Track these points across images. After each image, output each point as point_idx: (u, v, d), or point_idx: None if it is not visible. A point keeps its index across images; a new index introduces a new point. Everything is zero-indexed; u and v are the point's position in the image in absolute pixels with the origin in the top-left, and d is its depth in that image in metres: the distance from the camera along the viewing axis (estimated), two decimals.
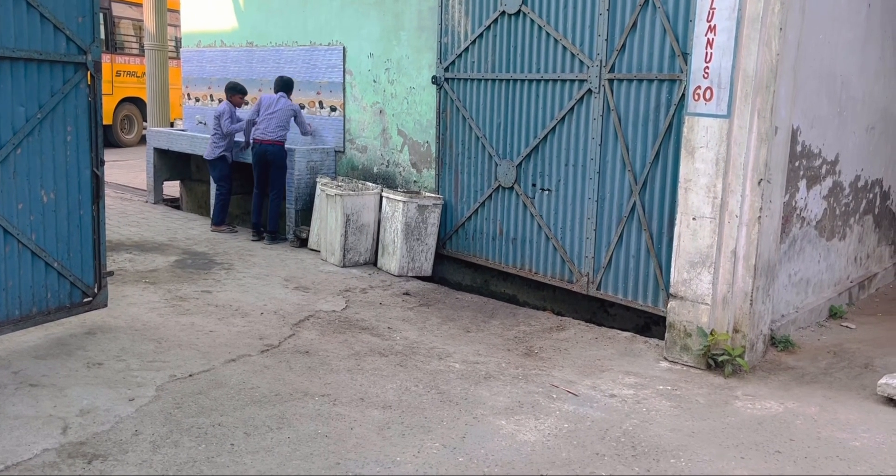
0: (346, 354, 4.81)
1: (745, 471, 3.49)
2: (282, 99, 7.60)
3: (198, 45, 9.48)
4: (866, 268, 6.61)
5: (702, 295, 4.74)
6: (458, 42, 6.50)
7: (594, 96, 5.52)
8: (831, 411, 4.17)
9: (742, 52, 4.40)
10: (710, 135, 4.56)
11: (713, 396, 4.35)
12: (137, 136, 16.47)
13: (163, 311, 5.44)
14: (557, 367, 4.75)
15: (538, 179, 6.01)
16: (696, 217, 4.71)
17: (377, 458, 3.48)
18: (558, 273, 5.97)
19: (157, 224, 8.42)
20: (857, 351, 5.12)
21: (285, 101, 7.61)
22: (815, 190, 5.43)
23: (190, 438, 3.60)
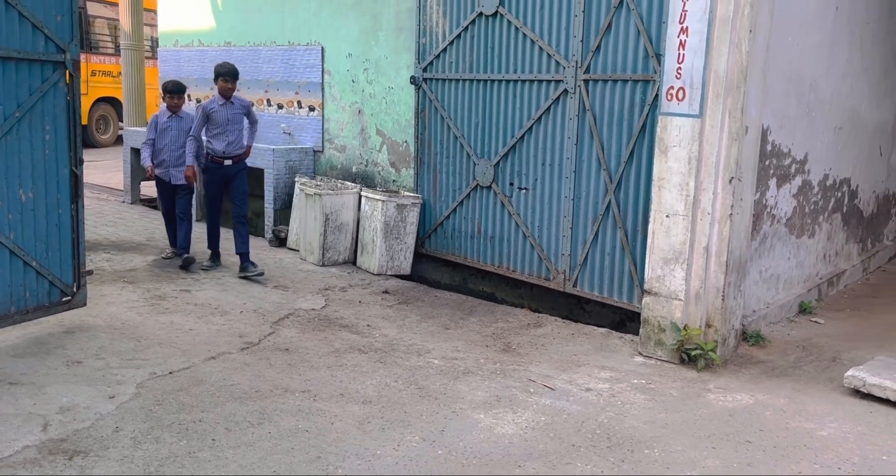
0: (326, 351, 4.85)
1: (717, 460, 3.59)
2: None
3: (175, 44, 9.46)
4: (835, 265, 6.77)
5: (675, 291, 4.84)
6: (436, 43, 6.57)
7: (570, 96, 5.61)
8: (800, 403, 4.29)
9: (713, 54, 4.51)
10: (683, 134, 4.67)
11: (686, 390, 4.45)
12: (113, 137, 16.34)
13: (142, 309, 5.44)
14: (535, 362, 4.83)
15: (516, 178, 6.10)
16: (670, 214, 4.81)
17: (358, 452, 3.54)
18: (535, 271, 6.06)
19: (134, 224, 8.39)
20: (825, 345, 5.26)
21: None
22: (785, 188, 5.57)
23: (171, 434, 3.62)
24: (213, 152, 6.43)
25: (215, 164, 6.43)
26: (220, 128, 6.36)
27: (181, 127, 6.66)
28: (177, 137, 6.64)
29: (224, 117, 6.34)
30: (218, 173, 6.45)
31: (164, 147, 6.63)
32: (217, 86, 6.42)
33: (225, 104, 6.37)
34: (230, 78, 6.35)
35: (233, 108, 6.40)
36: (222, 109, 6.35)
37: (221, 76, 6.34)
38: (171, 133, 6.65)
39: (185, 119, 6.68)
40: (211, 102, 6.39)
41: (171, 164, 6.67)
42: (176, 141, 6.63)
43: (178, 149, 6.63)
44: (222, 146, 6.37)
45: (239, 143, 6.48)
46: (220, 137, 6.36)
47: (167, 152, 6.64)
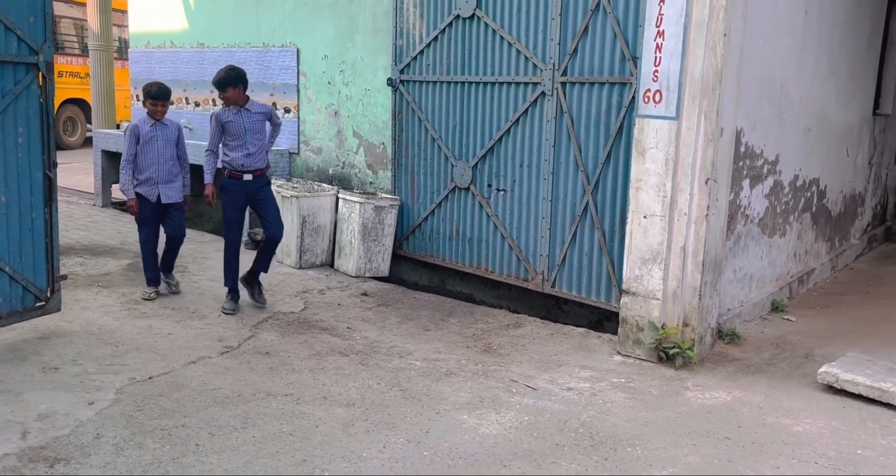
0: (307, 355, 4.83)
1: (698, 457, 3.66)
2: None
3: (147, 45, 9.35)
4: (805, 263, 6.91)
5: (653, 290, 4.91)
6: (414, 45, 6.58)
7: (548, 99, 5.66)
8: (775, 399, 4.38)
9: (689, 57, 4.59)
10: (660, 136, 4.74)
11: (665, 388, 4.52)
12: (81, 139, 16.08)
13: (118, 314, 5.38)
14: (516, 362, 4.87)
15: (494, 180, 6.13)
16: (647, 215, 4.88)
17: (343, 455, 3.54)
18: (514, 272, 6.10)
19: (106, 227, 8.28)
20: (797, 342, 5.37)
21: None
22: (758, 189, 5.67)
23: (153, 440, 3.59)
24: (230, 166, 5.52)
25: (234, 178, 5.53)
26: (238, 139, 5.50)
27: (167, 136, 5.72)
28: (164, 148, 5.70)
29: (241, 127, 5.49)
30: (237, 190, 5.53)
31: (150, 161, 5.65)
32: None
33: (239, 112, 5.50)
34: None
35: (250, 115, 5.53)
36: (237, 119, 5.50)
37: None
38: (157, 144, 5.69)
39: (170, 126, 5.75)
40: (224, 111, 5.54)
41: (159, 180, 5.68)
42: (163, 152, 5.69)
43: (167, 161, 5.70)
44: (242, 159, 5.50)
45: (261, 155, 5.62)
46: (238, 150, 5.51)
47: (154, 167, 5.66)
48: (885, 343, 5.33)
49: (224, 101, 5.52)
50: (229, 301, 5.64)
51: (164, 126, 5.72)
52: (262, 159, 5.63)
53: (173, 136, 5.77)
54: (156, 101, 5.66)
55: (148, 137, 5.65)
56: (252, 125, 5.55)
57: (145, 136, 5.65)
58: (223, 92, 5.44)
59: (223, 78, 5.43)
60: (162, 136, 5.70)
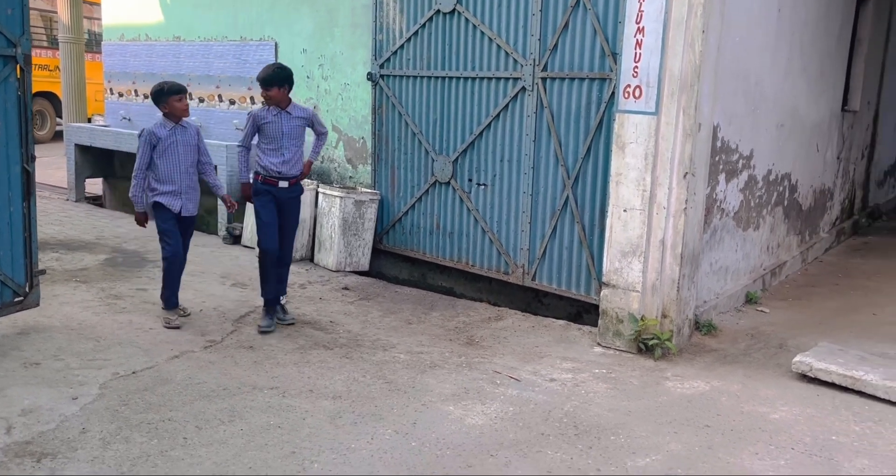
0: (291, 348, 4.84)
1: (679, 444, 3.75)
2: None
3: (121, 38, 9.23)
4: (777, 256, 7.06)
5: (632, 283, 5.00)
6: (394, 39, 6.60)
7: (528, 94, 5.72)
8: (752, 388, 4.49)
9: (668, 53, 4.67)
10: (640, 131, 4.82)
11: (645, 378, 4.61)
12: (51, 133, 15.82)
13: (98, 309, 5.33)
14: (498, 354, 4.93)
15: (474, 174, 6.18)
16: (627, 209, 4.96)
17: (332, 446, 3.56)
18: (495, 265, 6.15)
19: (81, 222, 8.18)
20: (771, 333, 5.50)
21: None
22: (733, 183, 5.79)
23: (140, 434, 3.58)
24: (265, 171, 5.14)
25: (268, 184, 5.15)
26: (275, 142, 5.11)
27: (187, 141, 5.07)
28: (185, 154, 5.05)
29: (278, 130, 5.09)
30: (270, 196, 5.16)
31: (172, 170, 5.00)
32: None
33: (280, 114, 5.09)
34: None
35: (290, 119, 5.12)
36: (276, 120, 5.09)
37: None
38: (178, 150, 5.01)
39: (189, 129, 5.10)
40: (262, 111, 5.13)
41: (182, 190, 5.05)
42: (185, 159, 5.04)
43: (189, 169, 5.09)
44: (277, 165, 5.11)
45: (297, 161, 5.20)
46: (274, 154, 5.11)
47: (177, 176, 5.01)
48: (855, 333, 5.48)
49: (265, 100, 5.10)
50: (265, 317, 5.17)
51: (184, 129, 5.08)
52: (298, 166, 5.24)
53: (193, 140, 5.12)
54: (180, 95, 5.02)
55: (167, 144, 4.98)
56: (290, 129, 5.14)
57: (164, 142, 4.97)
58: (267, 90, 5.03)
59: (270, 75, 5.01)
60: (182, 142, 5.05)
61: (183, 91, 5.05)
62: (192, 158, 5.12)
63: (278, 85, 5.03)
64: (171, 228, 5.05)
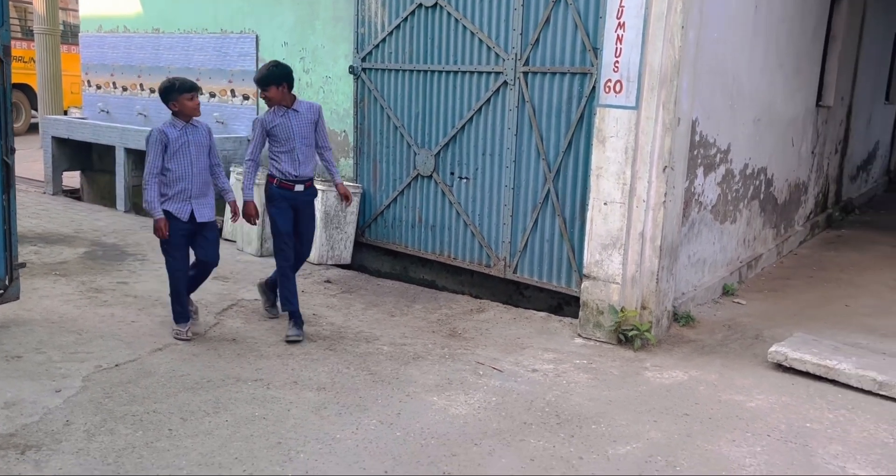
0: (274, 341, 4.86)
1: (659, 433, 3.82)
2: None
3: (98, 29, 9.14)
4: (753, 249, 7.19)
5: (613, 275, 5.07)
6: (376, 33, 6.61)
7: (510, 88, 5.76)
8: (729, 378, 4.58)
9: (649, 48, 4.73)
10: (620, 125, 4.89)
11: (625, 368, 4.69)
12: (26, 125, 15.60)
13: (79, 302, 5.31)
14: (481, 346, 4.98)
15: (456, 168, 6.22)
16: (608, 202, 5.03)
17: (317, 436, 3.60)
18: (477, 258, 6.20)
19: (59, 215, 8.10)
20: (748, 324, 5.61)
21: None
22: (711, 177, 5.88)
23: (125, 426, 3.59)
24: (279, 175, 4.88)
25: (284, 188, 4.89)
26: (287, 144, 4.85)
27: (199, 141, 4.74)
28: (197, 156, 4.72)
29: (288, 130, 4.84)
30: (286, 202, 4.91)
31: (183, 172, 4.67)
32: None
33: (286, 113, 4.86)
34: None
35: (298, 117, 4.88)
36: (285, 121, 4.84)
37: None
38: (189, 151, 4.69)
39: (200, 129, 4.77)
40: (268, 115, 4.87)
41: (193, 193, 4.72)
42: (196, 161, 4.72)
43: (201, 171, 4.75)
44: (291, 167, 4.86)
45: (311, 162, 4.99)
46: (286, 156, 4.86)
47: (188, 179, 4.68)
48: (829, 324, 5.61)
49: (266, 102, 4.87)
50: (292, 327, 4.92)
51: (195, 129, 4.73)
52: (312, 167, 5.00)
53: (205, 140, 4.79)
54: (192, 93, 4.65)
55: (178, 145, 4.65)
56: (301, 128, 4.89)
57: (175, 143, 4.64)
58: (265, 91, 4.79)
59: (265, 75, 4.78)
60: (194, 142, 4.71)
61: (195, 89, 4.70)
62: (205, 161, 4.78)
63: (276, 84, 4.78)
64: (177, 241, 4.73)
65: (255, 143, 4.92)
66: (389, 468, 3.34)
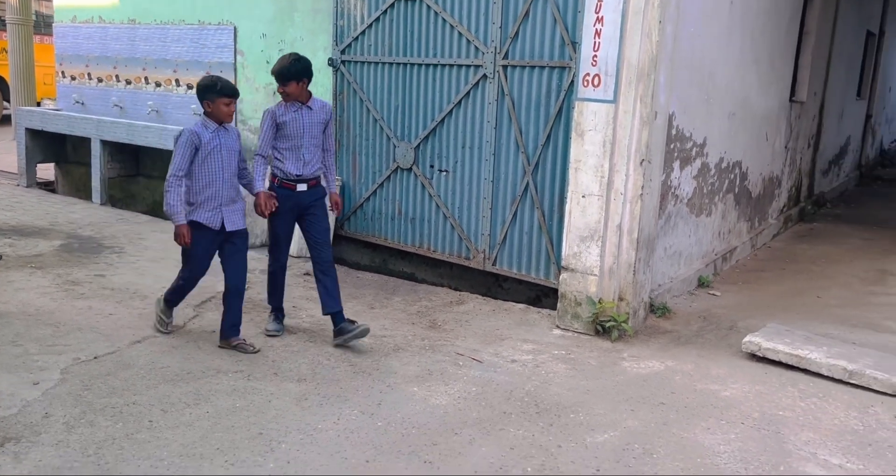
0: (255, 333, 4.86)
1: (636, 421, 3.89)
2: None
3: (73, 20, 9.01)
4: (728, 242, 7.30)
5: (591, 267, 5.13)
6: (355, 25, 6.60)
7: (489, 81, 5.79)
8: (704, 367, 4.67)
9: (627, 43, 4.79)
10: (599, 119, 4.94)
11: (603, 358, 4.75)
12: None
13: (55, 295, 5.26)
14: (460, 337, 5.02)
15: (436, 161, 6.24)
16: (586, 195, 5.09)
17: (299, 427, 3.61)
18: (456, 250, 6.24)
19: (33, 208, 8.00)
20: (723, 315, 5.71)
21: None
22: (687, 170, 5.97)
23: (105, 418, 3.58)
24: (282, 175, 4.69)
25: (286, 189, 4.69)
26: (294, 141, 4.64)
27: (230, 145, 4.49)
28: (228, 160, 4.47)
29: (299, 127, 4.64)
30: (289, 202, 4.70)
31: (212, 177, 4.41)
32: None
33: (300, 109, 4.64)
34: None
35: (311, 115, 4.67)
36: (297, 117, 4.63)
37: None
38: (221, 155, 4.43)
39: (231, 132, 4.52)
40: (280, 107, 4.64)
41: (223, 201, 4.47)
42: (227, 165, 4.46)
43: (232, 177, 4.51)
44: (296, 167, 4.67)
45: (316, 162, 4.78)
46: (292, 154, 4.66)
47: (217, 185, 4.42)
48: (801, 315, 5.73)
49: (283, 97, 4.62)
50: (273, 321, 4.93)
51: (226, 132, 4.48)
52: (317, 167, 4.80)
53: (236, 144, 4.54)
54: (231, 99, 4.41)
55: (210, 148, 4.39)
56: (312, 126, 4.68)
57: (207, 146, 4.38)
58: (284, 86, 4.56)
59: (288, 69, 4.53)
60: (225, 146, 4.45)
61: (235, 95, 4.45)
62: (235, 166, 4.54)
63: (296, 79, 4.55)
64: (202, 254, 4.52)
65: (264, 137, 4.65)
66: (371, 457, 3.38)
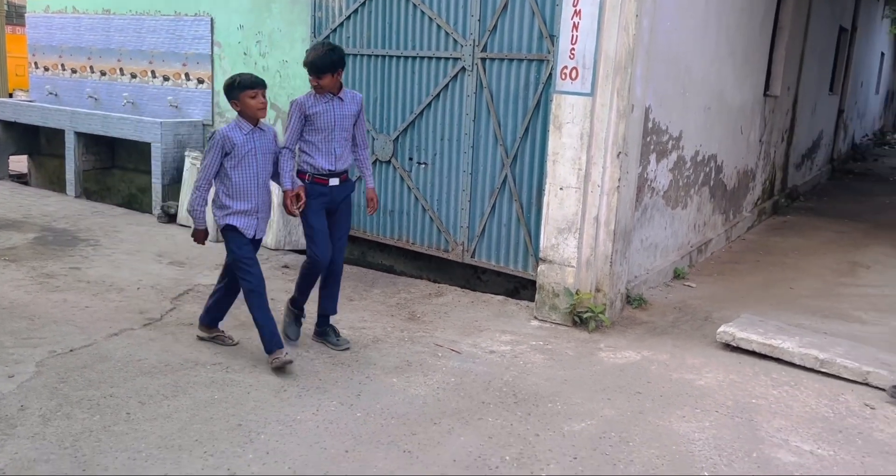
0: (233, 325, 4.84)
1: (613, 410, 3.94)
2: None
3: (46, 10, 8.88)
4: (703, 234, 7.39)
5: (568, 258, 5.18)
6: (333, 17, 6.57)
7: (468, 74, 5.81)
8: (680, 357, 4.73)
9: (604, 36, 4.82)
10: (576, 111, 4.98)
11: (580, 349, 4.80)
12: None
13: (30, 288, 5.21)
14: (439, 329, 5.04)
15: (415, 153, 6.25)
16: (563, 187, 5.13)
17: (278, 418, 3.62)
18: (435, 243, 6.26)
19: (6, 201, 7.90)
20: (698, 306, 5.79)
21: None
22: (663, 163, 6.03)
23: (82, 410, 3.56)
24: (313, 170, 4.39)
25: (319, 184, 4.40)
26: (325, 134, 4.35)
27: (266, 147, 4.18)
28: (264, 164, 4.18)
29: (331, 120, 4.35)
30: (323, 198, 4.43)
31: (249, 183, 4.12)
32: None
33: (331, 101, 4.35)
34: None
35: (342, 107, 4.38)
36: (329, 109, 4.34)
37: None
38: (256, 159, 4.12)
39: (267, 133, 4.20)
40: (309, 98, 4.34)
41: (258, 207, 4.20)
42: (263, 169, 4.18)
43: (265, 182, 4.24)
44: (328, 161, 4.38)
45: (348, 156, 4.51)
46: (323, 148, 4.37)
47: (253, 191, 4.15)
48: (774, 305, 5.82)
49: (315, 89, 4.31)
50: (293, 325, 4.63)
51: (262, 133, 4.16)
52: (348, 161, 4.54)
53: (272, 146, 4.22)
54: (255, 90, 4.05)
55: (244, 151, 4.06)
56: (344, 119, 4.40)
57: (241, 149, 4.05)
58: (319, 78, 4.24)
59: (322, 60, 4.21)
60: (261, 149, 4.14)
61: (258, 85, 4.07)
62: (270, 170, 4.24)
63: (332, 70, 4.25)
64: (249, 254, 4.18)
65: (292, 130, 4.33)
66: (350, 447, 3.39)
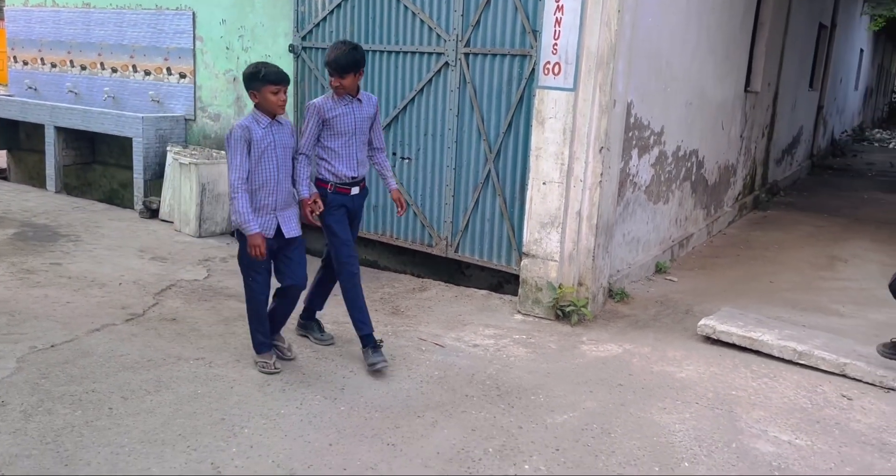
0: (216, 320, 4.84)
1: (595, 402, 3.98)
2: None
3: (25, 3, 8.78)
4: (685, 229, 7.45)
5: (551, 252, 5.21)
6: (316, 11, 6.55)
7: (451, 69, 5.81)
8: (661, 350, 4.78)
9: (586, 31, 4.85)
10: (559, 106, 5.00)
11: (563, 342, 4.84)
12: None
13: (10, 284, 5.17)
14: (423, 323, 5.06)
15: (399, 148, 6.25)
16: (546, 182, 5.15)
17: (262, 412, 3.62)
18: (419, 238, 6.27)
19: None
20: (679, 300, 5.84)
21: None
22: (645, 158, 6.07)
23: (63, 406, 3.55)
24: (336, 179, 4.19)
25: (342, 194, 4.22)
26: (345, 138, 4.15)
27: (284, 141, 3.97)
28: (283, 158, 3.97)
29: (350, 123, 4.16)
30: (343, 209, 4.26)
31: (266, 178, 3.91)
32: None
33: (350, 104, 4.15)
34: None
35: (361, 109, 4.20)
36: (348, 112, 4.14)
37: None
38: (276, 153, 3.93)
39: (285, 126, 4.00)
40: (328, 101, 4.13)
41: (279, 204, 4.00)
42: (283, 164, 3.97)
43: (287, 177, 4.02)
44: (349, 167, 4.19)
45: (366, 160, 4.35)
46: (343, 153, 4.17)
47: (271, 186, 3.94)
48: (754, 299, 5.89)
49: (335, 89, 4.10)
50: (374, 354, 4.23)
51: (280, 127, 3.95)
52: (367, 166, 4.37)
53: (290, 140, 4.02)
54: (279, 86, 3.85)
55: (263, 145, 3.87)
56: (362, 122, 4.21)
57: (260, 143, 3.86)
58: (341, 78, 4.03)
59: (345, 58, 3.99)
60: (280, 143, 3.94)
61: (283, 81, 3.86)
62: (290, 165, 4.04)
63: (354, 70, 4.05)
64: (261, 261, 3.99)
65: (309, 134, 4.13)
66: (334, 441, 3.40)
